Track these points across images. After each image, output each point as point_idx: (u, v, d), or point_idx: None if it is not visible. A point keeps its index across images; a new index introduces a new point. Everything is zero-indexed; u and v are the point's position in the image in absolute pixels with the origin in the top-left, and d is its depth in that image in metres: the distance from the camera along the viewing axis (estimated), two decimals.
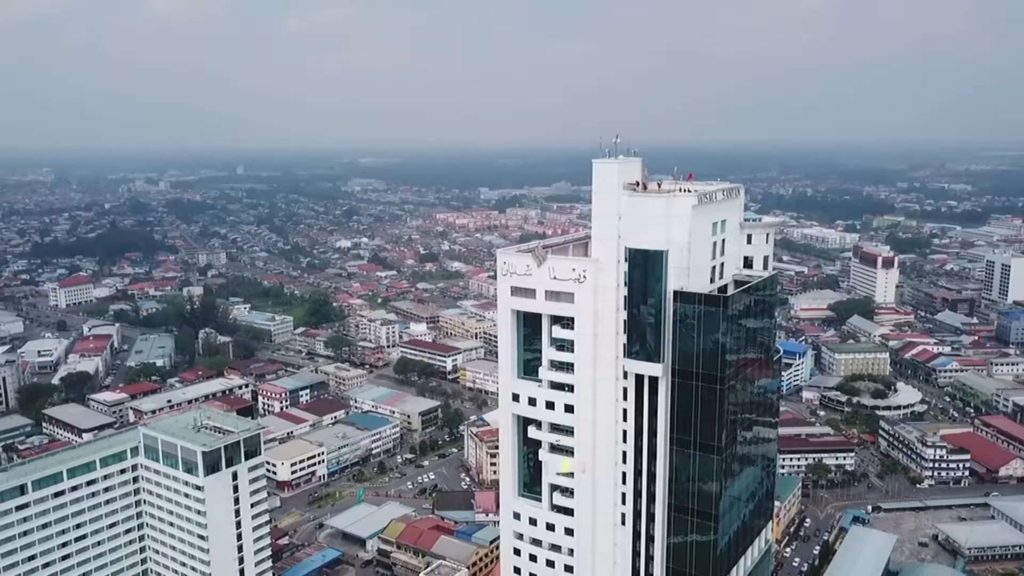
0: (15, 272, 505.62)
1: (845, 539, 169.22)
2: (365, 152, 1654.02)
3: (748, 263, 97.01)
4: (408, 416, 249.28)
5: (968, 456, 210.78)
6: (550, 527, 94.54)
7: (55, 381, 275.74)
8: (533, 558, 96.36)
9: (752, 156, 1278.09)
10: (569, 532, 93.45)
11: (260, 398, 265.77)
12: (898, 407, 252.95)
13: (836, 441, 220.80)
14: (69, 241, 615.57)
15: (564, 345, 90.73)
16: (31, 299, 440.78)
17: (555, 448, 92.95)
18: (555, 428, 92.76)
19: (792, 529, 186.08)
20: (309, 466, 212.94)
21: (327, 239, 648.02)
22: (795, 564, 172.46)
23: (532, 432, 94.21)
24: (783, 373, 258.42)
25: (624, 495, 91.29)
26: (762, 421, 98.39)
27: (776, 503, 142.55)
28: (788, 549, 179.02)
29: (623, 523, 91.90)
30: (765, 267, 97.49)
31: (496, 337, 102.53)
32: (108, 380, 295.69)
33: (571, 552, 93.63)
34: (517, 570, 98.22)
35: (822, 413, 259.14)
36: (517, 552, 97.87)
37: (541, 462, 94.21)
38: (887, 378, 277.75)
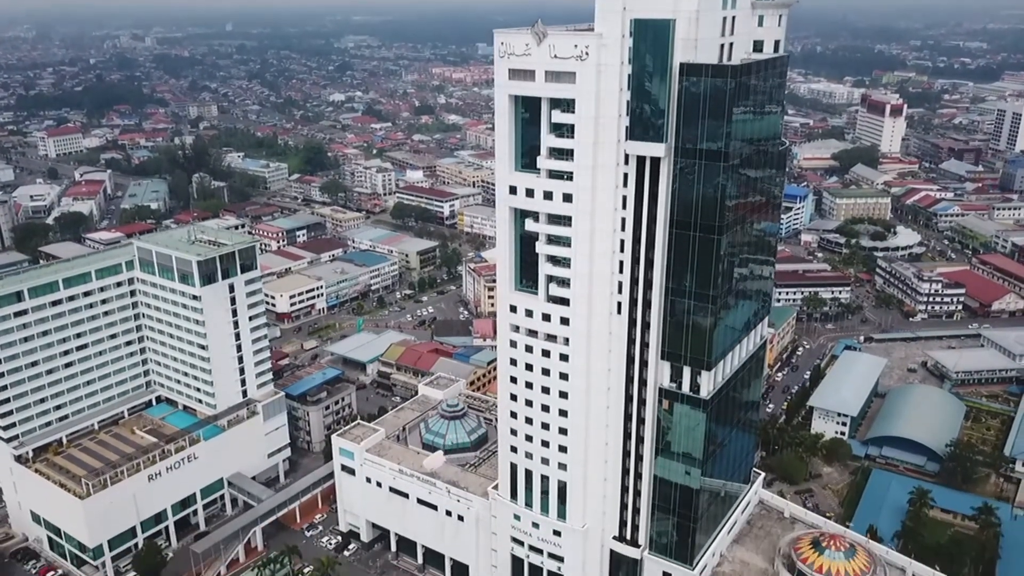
0: (1, 123, 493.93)
1: (836, 362, 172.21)
2: (357, 10, 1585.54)
3: (758, 47, 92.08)
4: (406, 255, 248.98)
5: (963, 291, 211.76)
6: (546, 317, 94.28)
7: (50, 221, 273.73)
8: (529, 349, 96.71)
9: None
10: (565, 322, 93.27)
11: (257, 238, 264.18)
12: (896, 248, 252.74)
13: (832, 276, 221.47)
14: (55, 94, 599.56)
15: (564, 131, 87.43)
16: (20, 149, 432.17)
17: (552, 240, 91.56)
18: (553, 220, 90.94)
19: (785, 356, 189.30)
20: (308, 299, 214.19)
21: (320, 93, 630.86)
22: (776, 409, 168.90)
23: (529, 225, 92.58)
24: (783, 216, 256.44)
25: (620, 284, 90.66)
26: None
27: (769, 330, 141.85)
28: (780, 374, 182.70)
29: (619, 312, 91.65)
30: (776, 51, 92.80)
31: (495, 185, 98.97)
32: (103, 223, 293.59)
33: (567, 341, 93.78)
34: (514, 362, 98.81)
35: (820, 255, 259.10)
36: (514, 344, 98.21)
37: (538, 255, 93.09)
38: (887, 222, 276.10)
